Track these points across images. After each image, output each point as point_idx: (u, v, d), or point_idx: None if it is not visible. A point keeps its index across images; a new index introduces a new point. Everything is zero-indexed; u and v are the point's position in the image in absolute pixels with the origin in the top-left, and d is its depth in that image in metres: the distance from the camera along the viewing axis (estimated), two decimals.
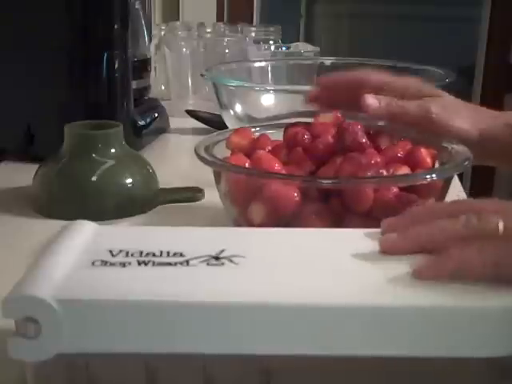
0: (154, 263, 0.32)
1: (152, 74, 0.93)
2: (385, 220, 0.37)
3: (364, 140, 0.49)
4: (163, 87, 1.16)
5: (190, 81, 1.07)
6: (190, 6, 2.34)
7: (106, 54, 0.74)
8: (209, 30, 1.24)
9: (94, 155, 0.59)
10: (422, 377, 0.30)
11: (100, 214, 0.55)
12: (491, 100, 2.55)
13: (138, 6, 0.84)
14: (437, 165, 0.51)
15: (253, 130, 0.55)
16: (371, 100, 0.52)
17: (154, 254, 0.33)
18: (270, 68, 0.90)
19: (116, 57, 0.75)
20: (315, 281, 0.31)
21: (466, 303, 0.29)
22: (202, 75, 0.75)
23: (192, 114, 0.96)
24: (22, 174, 0.67)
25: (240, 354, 0.29)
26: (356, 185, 0.46)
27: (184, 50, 1.06)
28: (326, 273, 0.32)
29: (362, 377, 0.30)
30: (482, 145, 0.53)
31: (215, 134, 0.54)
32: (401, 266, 0.32)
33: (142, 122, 0.82)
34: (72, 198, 0.58)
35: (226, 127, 0.73)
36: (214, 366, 0.30)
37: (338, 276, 0.31)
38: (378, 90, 0.54)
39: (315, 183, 0.47)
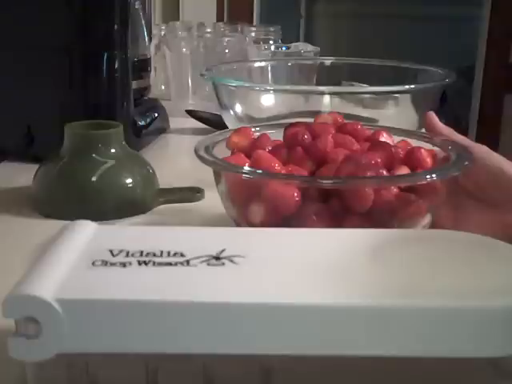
0: (154, 263, 0.32)
1: (152, 74, 0.93)
2: None
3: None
4: (163, 87, 1.16)
5: (190, 81, 1.07)
6: (190, 6, 2.35)
7: (105, 54, 0.74)
8: (209, 30, 1.24)
9: (94, 155, 0.59)
10: (422, 377, 0.30)
11: (100, 214, 0.55)
12: (491, 100, 2.55)
13: (137, 5, 0.84)
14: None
15: (253, 129, 0.55)
16: None
17: (154, 254, 0.33)
18: (269, 68, 0.90)
19: (116, 57, 0.75)
20: (315, 281, 0.31)
21: (466, 303, 0.29)
22: (201, 75, 0.75)
23: (192, 114, 0.96)
24: (22, 174, 0.67)
25: (240, 353, 0.29)
26: (356, 185, 0.46)
27: (184, 50, 1.06)
28: (326, 273, 0.32)
29: (362, 377, 0.30)
30: None
31: (215, 133, 0.54)
32: (401, 267, 0.32)
33: (141, 122, 0.82)
34: (72, 198, 0.58)
35: (226, 127, 0.73)
36: (214, 366, 0.30)
37: (338, 276, 0.31)
38: None
39: (315, 183, 0.47)
